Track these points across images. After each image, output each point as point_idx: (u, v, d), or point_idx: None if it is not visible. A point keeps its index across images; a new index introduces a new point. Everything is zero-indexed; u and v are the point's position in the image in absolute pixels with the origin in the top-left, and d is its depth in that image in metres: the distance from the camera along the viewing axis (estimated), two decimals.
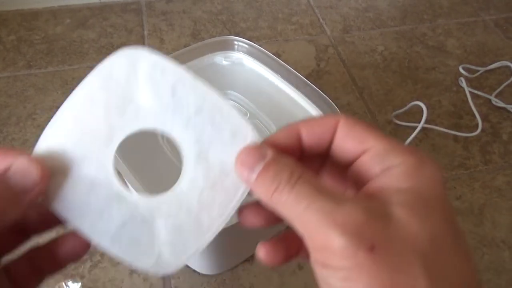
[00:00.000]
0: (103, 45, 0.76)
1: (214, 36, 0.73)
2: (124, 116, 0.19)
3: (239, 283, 0.48)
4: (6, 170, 0.18)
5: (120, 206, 0.19)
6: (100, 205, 0.19)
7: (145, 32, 0.79)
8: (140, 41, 0.77)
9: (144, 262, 0.19)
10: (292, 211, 0.17)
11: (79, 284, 0.47)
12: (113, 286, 0.47)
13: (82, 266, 0.48)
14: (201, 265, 0.48)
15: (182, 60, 0.50)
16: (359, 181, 0.19)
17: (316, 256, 0.16)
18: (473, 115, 0.67)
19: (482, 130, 0.65)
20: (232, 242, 0.45)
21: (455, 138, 0.64)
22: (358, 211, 0.16)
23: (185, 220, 0.19)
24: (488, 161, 0.62)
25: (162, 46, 0.77)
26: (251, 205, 0.20)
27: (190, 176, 0.19)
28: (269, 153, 0.18)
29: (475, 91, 0.71)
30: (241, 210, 0.20)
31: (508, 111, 0.69)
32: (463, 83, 0.72)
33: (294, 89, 0.47)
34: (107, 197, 0.19)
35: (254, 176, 0.18)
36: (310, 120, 0.20)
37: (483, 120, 0.66)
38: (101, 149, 0.19)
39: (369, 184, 0.18)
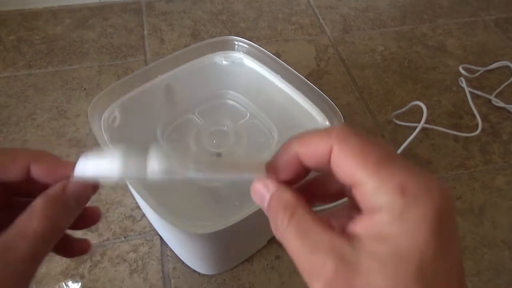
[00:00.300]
0: (103, 45, 0.76)
1: (214, 36, 0.73)
2: None
3: (239, 283, 0.48)
4: (64, 190, 0.21)
5: None
6: None
7: (145, 32, 0.79)
8: (140, 41, 0.77)
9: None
10: (287, 250, 0.19)
11: (79, 284, 0.47)
12: (113, 286, 0.47)
13: (82, 266, 0.48)
14: (201, 265, 0.48)
15: (182, 60, 0.50)
16: (354, 209, 0.20)
17: None
18: (473, 115, 0.67)
19: (482, 130, 0.65)
20: (232, 242, 0.45)
21: (455, 138, 0.64)
22: (330, 263, 0.17)
23: None
24: (488, 161, 0.62)
25: (162, 46, 0.77)
26: None
27: None
28: (271, 187, 0.21)
29: (475, 91, 0.71)
30: None
31: (508, 111, 0.69)
32: (463, 83, 0.72)
33: (294, 89, 0.48)
34: None
35: (265, 207, 0.21)
36: (305, 141, 0.20)
37: (483, 120, 0.66)
38: None
39: (356, 224, 0.18)
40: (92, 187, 0.23)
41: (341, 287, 0.16)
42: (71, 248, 0.24)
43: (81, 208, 0.22)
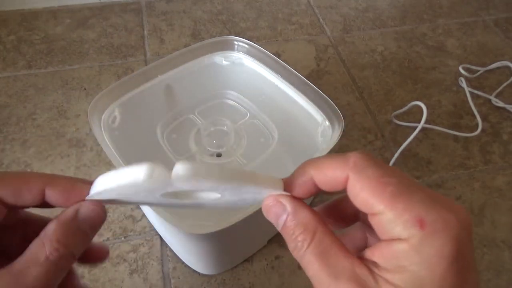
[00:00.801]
0: (103, 45, 0.76)
1: (214, 36, 0.73)
2: None
3: (239, 283, 0.48)
4: (76, 214, 0.21)
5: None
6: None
7: (145, 32, 0.79)
8: (140, 41, 0.77)
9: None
10: (305, 270, 0.19)
11: None
12: (113, 286, 0.47)
13: (82, 266, 0.48)
14: (201, 265, 0.48)
15: (182, 60, 0.50)
16: (369, 232, 0.21)
17: None
18: (473, 115, 0.67)
19: (482, 130, 0.65)
20: (232, 242, 0.45)
21: (455, 138, 0.64)
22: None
23: None
24: (488, 161, 0.62)
25: (162, 46, 0.77)
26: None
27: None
28: (288, 207, 0.20)
29: (475, 91, 0.71)
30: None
31: (508, 111, 0.69)
32: (463, 83, 0.72)
33: (294, 89, 0.48)
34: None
35: (280, 225, 0.20)
36: (321, 167, 0.20)
37: (483, 120, 0.66)
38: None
39: (374, 251, 0.18)
40: (104, 211, 0.22)
41: None
42: (87, 256, 0.24)
43: (94, 233, 0.22)
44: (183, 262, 0.49)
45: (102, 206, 0.22)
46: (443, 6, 0.90)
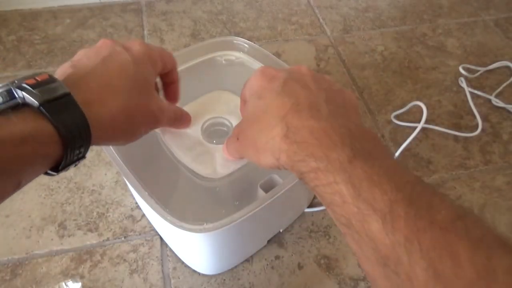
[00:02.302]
0: None
1: (214, 36, 0.73)
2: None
3: (239, 283, 0.48)
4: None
5: (201, 147, 0.42)
6: (191, 144, 0.42)
7: (145, 32, 0.79)
8: None
9: (205, 171, 0.40)
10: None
11: (79, 284, 0.47)
12: (113, 286, 0.47)
13: (82, 266, 0.48)
14: (201, 265, 0.48)
15: (182, 60, 0.50)
16: None
17: None
18: (473, 115, 0.67)
19: (482, 130, 0.65)
20: (232, 242, 0.45)
21: (455, 138, 0.64)
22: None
23: None
24: (488, 161, 0.62)
25: (162, 46, 0.77)
26: None
27: None
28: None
29: (475, 91, 0.71)
30: None
31: (508, 111, 0.69)
32: (463, 83, 0.72)
33: None
34: (195, 142, 0.43)
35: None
36: None
37: (483, 120, 0.66)
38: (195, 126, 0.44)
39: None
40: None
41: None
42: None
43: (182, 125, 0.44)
44: (183, 262, 0.49)
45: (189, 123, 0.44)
46: (443, 6, 0.90)
